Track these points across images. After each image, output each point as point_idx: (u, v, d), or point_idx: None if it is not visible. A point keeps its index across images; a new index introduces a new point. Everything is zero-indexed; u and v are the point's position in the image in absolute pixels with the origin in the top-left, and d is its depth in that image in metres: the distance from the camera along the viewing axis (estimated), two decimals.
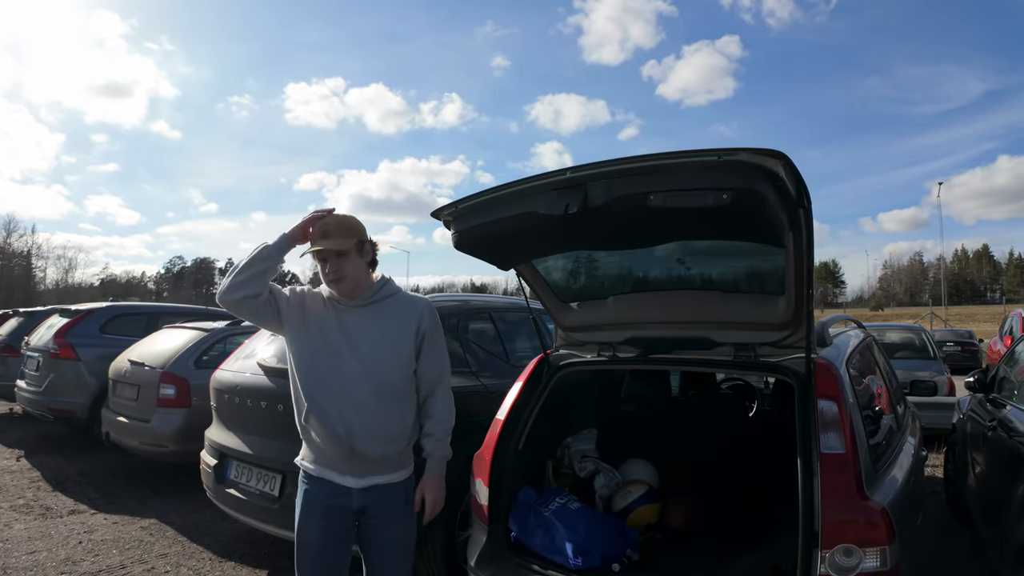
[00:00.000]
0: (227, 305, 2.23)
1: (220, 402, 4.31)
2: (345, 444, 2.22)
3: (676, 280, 2.89)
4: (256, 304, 2.23)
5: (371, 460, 2.27)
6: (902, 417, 3.70)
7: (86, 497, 5.74)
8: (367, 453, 2.24)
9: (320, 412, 2.23)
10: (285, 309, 2.28)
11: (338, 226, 2.25)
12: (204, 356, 5.97)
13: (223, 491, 4.01)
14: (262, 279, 2.23)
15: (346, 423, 2.22)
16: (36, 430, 8.62)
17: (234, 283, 2.20)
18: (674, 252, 2.73)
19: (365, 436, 2.23)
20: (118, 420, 6.15)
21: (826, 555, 2.14)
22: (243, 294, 2.20)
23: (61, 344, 7.58)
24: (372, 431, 2.24)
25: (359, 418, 2.23)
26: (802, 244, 2.12)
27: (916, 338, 10.75)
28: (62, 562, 4.25)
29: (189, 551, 4.50)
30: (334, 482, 2.28)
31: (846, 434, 2.31)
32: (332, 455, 2.26)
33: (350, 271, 2.25)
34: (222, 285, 2.24)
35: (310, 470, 2.33)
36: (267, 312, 2.26)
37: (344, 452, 2.23)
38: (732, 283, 2.82)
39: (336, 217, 2.29)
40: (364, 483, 2.28)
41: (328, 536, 2.30)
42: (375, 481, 2.30)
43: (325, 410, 2.23)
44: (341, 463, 2.26)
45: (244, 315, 2.28)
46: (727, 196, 1.86)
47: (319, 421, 2.24)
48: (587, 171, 2.08)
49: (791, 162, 1.82)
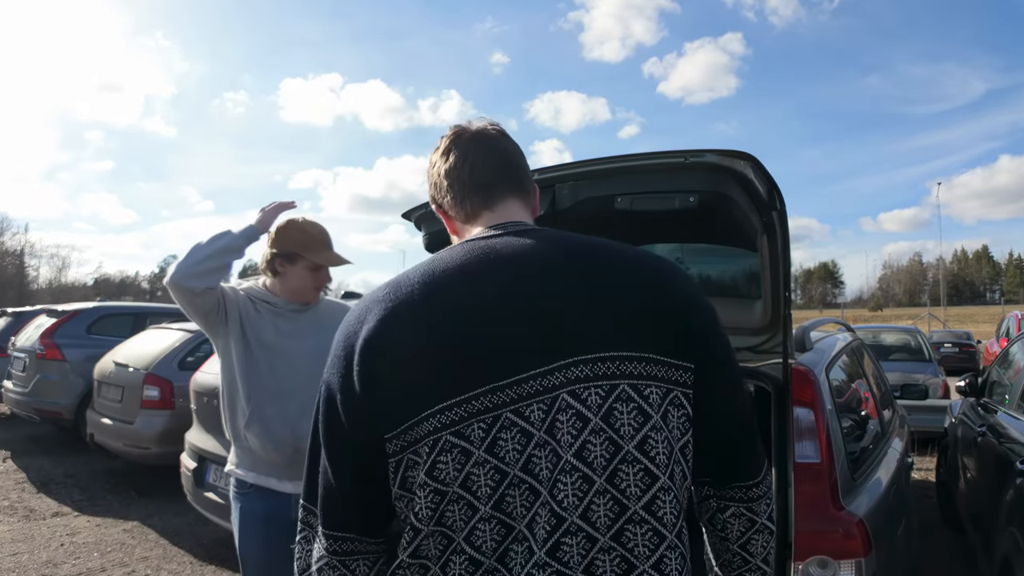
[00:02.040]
0: (182, 292, 2.02)
1: (200, 404, 4.27)
2: (290, 447, 2.13)
3: None
4: (211, 299, 2.07)
5: None
6: (888, 422, 3.64)
7: (70, 499, 5.74)
8: None
9: (263, 417, 2.14)
10: (230, 309, 2.15)
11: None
12: (189, 357, 5.92)
13: (202, 495, 3.97)
14: (224, 273, 2.10)
15: (292, 426, 2.13)
16: (23, 431, 8.61)
17: (197, 271, 2.02)
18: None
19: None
20: (102, 421, 6.13)
21: (799, 567, 2.08)
22: (204, 285, 2.03)
23: (47, 345, 7.56)
24: None
25: (305, 422, 2.16)
26: (776, 247, 2.06)
27: (912, 340, 10.74)
28: (43, 564, 4.24)
29: (170, 554, 4.48)
30: (273, 490, 2.20)
31: (822, 443, 2.26)
32: (272, 461, 2.18)
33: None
34: (179, 269, 2.02)
35: (246, 478, 2.24)
36: (215, 310, 2.10)
37: (287, 457, 2.15)
38: (708, 287, 2.76)
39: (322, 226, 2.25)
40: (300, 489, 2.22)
41: (271, 551, 2.20)
42: None
43: (270, 415, 2.14)
44: (281, 468, 2.18)
45: (193, 309, 2.08)
46: (694, 199, 1.82)
47: (263, 427, 2.14)
48: (554, 172, 2.04)
49: (760, 164, 1.77)
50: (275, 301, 2.21)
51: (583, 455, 0.91)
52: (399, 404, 0.94)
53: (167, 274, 2.05)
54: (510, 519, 0.92)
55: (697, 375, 0.99)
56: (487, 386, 0.92)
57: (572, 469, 0.90)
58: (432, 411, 0.92)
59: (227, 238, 2.11)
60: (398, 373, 0.95)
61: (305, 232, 2.20)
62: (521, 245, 1.02)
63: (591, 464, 0.91)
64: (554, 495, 0.91)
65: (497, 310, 0.96)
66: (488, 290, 0.97)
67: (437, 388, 0.93)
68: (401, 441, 0.94)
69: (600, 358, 0.93)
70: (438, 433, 0.92)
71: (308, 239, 2.19)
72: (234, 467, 2.28)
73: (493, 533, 0.92)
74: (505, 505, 0.92)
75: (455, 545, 0.93)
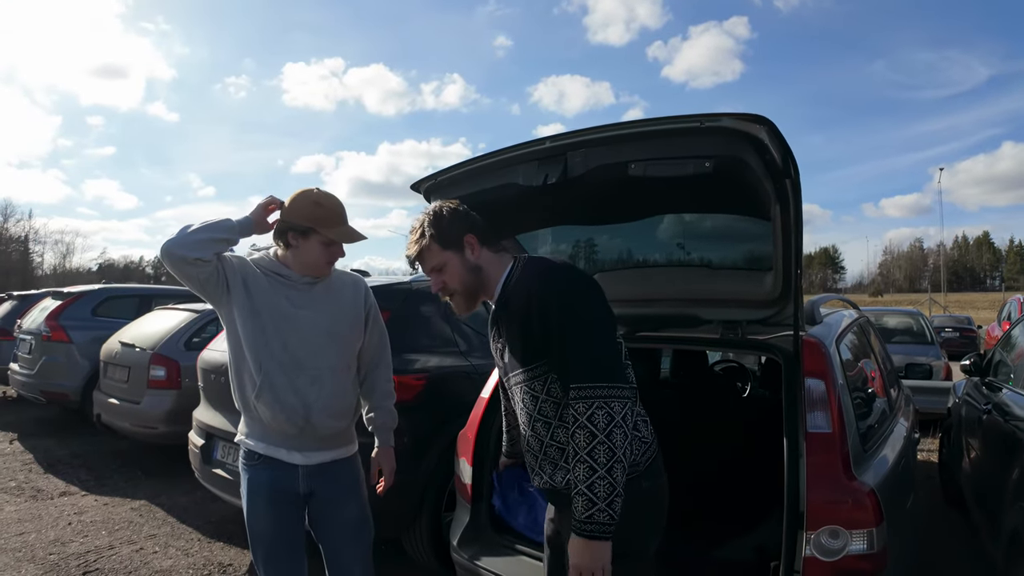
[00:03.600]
0: (175, 260, 2.02)
1: (207, 382, 4.27)
2: (300, 417, 2.15)
3: (663, 255, 2.84)
4: (206, 269, 2.06)
5: (322, 435, 2.22)
6: (895, 400, 3.65)
7: (77, 479, 5.76)
8: (320, 427, 2.19)
9: (274, 387, 2.14)
10: (232, 278, 2.14)
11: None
12: (194, 338, 5.93)
13: (210, 471, 3.98)
14: (215, 248, 2.08)
15: (302, 396, 2.15)
16: (29, 413, 8.64)
17: (190, 240, 2.03)
18: (660, 226, 2.68)
19: (320, 410, 2.18)
20: (109, 402, 6.15)
21: (811, 536, 2.09)
22: (196, 255, 2.02)
23: (53, 327, 7.57)
24: (327, 405, 2.19)
25: (314, 391, 2.17)
26: (789, 217, 2.05)
27: (914, 323, 10.73)
28: (51, 543, 4.26)
29: (178, 532, 4.50)
30: (281, 460, 2.21)
31: (833, 413, 2.26)
32: (283, 431, 2.19)
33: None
34: (171, 238, 2.04)
35: (255, 448, 2.24)
36: (213, 279, 2.10)
37: (297, 427, 2.17)
38: (719, 258, 2.76)
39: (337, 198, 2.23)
40: (311, 460, 2.23)
41: (279, 524, 2.24)
42: (322, 459, 2.25)
43: (280, 385, 2.14)
44: (291, 439, 2.20)
45: (187, 278, 2.07)
46: (709, 164, 1.80)
47: (273, 397, 2.14)
48: (567, 140, 2.01)
49: (776, 128, 1.75)
50: (286, 273, 2.19)
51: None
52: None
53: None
54: None
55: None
56: None
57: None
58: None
59: (225, 223, 2.10)
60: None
61: (320, 206, 2.15)
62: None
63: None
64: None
65: None
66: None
67: None
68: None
69: None
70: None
71: (324, 213, 2.15)
72: (244, 437, 2.29)
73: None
74: None
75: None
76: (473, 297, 1.91)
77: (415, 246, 1.89)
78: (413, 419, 3.25)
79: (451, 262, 1.87)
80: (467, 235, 1.86)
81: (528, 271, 1.82)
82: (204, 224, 2.07)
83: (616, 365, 1.67)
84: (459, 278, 1.88)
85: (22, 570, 3.83)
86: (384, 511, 2.70)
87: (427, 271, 1.93)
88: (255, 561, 2.29)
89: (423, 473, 3.50)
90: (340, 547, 2.33)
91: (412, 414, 3.23)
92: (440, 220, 1.87)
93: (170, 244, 2.02)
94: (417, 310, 4.03)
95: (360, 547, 2.35)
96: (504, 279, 1.87)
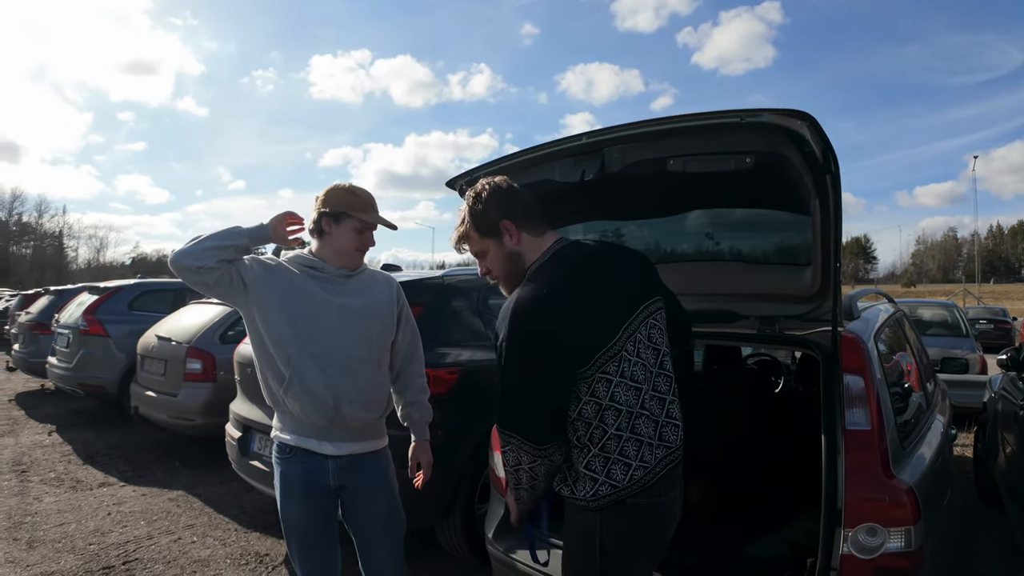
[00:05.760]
0: (180, 270, 2.09)
1: (243, 375, 4.34)
2: (331, 408, 2.19)
3: (699, 251, 2.82)
4: (213, 275, 2.10)
5: (352, 426, 2.26)
6: (931, 395, 3.60)
7: (115, 470, 5.87)
8: (350, 418, 2.23)
9: (304, 380, 2.18)
10: (249, 279, 2.17)
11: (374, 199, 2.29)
12: (229, 331, 6.01)
13: (247, 463, 4.06)
14: (219, 255, 2.11)
15: (332, 388, 2.19)
16: (67, 405, 8.81)
17: (194, 250, 2.08)
18: (695, 221, 2.67)
19: (350, 401, 2.22)
20: (146, 394, 6.26)
21: (849, 534, 2.08)
22: (199, 264, 2.07)
23: (90, 321, 7.72)
24: (357, 397, 2.23)
25: (344, 383, 2.21)
26: (829, 211, 2.03)
27: (948, 315, 10.54)
28: (91, 533, 4.35)
29: (215, 522, 4.58)
30: (313, 451, 2.26)
31: (872, 410, 2.24)
32: (313, 423, 2.23)
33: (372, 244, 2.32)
34: (181, 248, 2.11)
35: (288, 441, 2.29)
36: (224, 283, 2.13)
37: (327, 418, 2.21)
38: (757, 254, 2.74)
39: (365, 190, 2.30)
40: (342, 451, 2.27)
41: (311, 515, 2.30)
42: (352, 450, 2.29)
43: (311, 377, 2.18)
44: (322, 430, 2.25)
45: (197, 285, 2.14)
46: (750, 160, 1.79)
47: (303, 389, 2.18)
48: (604, 135, 2.01)
49: (817, 123, 1.73)
50: (320, 266, 2.25)
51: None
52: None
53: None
54: None
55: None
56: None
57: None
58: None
59: (233, 230, 2.16)
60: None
61: (354, 194, 2.25)
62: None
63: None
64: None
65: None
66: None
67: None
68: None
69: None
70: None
71: (357, 200, 2.24)
72: (278, 432, 2.35)
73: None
74: None
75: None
76: (514, 283, 1.87)
77: (459, 232, 1.92)
78: (446, 412, 3.28)
79: (491, 249, 1.88)
80: (503, 221, 1.84)
81: (549, 264, 1.82)
82: (211, 234, 2.13)
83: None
84: (499, 265, 1.89)
85: (62, 560, 3.90)
86: (418, 503, 2.73)
87: (474, 254, 1.95)
88: (290, 551, 2.36)
89: (457, 465, 3.53)
90: (372, 539, 2.38)
91: (445, 407, 3.26)
92: (477, 206, 1.86)
93: (175, 255, 2.10)
94: (449, 305, 4.06)
95: (391, 539, 2.40)
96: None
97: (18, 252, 70.15)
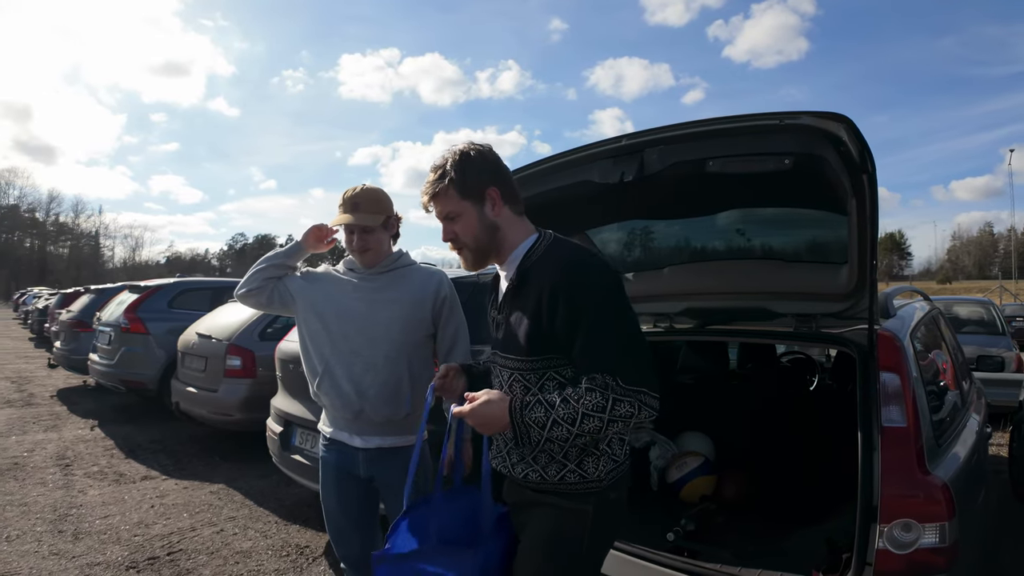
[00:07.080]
0: (241, 299, 2.44)
1: (285, 372, 4.45)
2: (356, 404, 2.31)
3: (734, 249, 2.85)
4: (264, 295, 2.40)
5: (376, 421, 2.34)
6: (967, 393, 3.58)
7: (157, 464, 5.99)
8: (373, 413, 2.31)
9: (332, 376, 2.33)
10: (295, 291, 2.42)
11: (368, 200, 2.32)
12: (268, 328, 6.13)
13: (288, 457, 4.16)
14: (264, 277, 2.41)
15: (356, 383, 2.30)
16: (108, 401, 9.03)
17: (247, 281, 2.41)
18: (732, 220, 2.69)
19: (374, 396, 2.30)
20: (187, 390, 6.40)
21: (884, 530, 2.11)
22: (248, 289, 2.40)
23: (132, 319, 7.89)
24: (380, 392, 2.31)
25: (368, 378, 2.30)
26: (865, 211, 2.05)
27: (985, 312, 10.38)
28: (135, 525, 4.44)
29: (256, 514, 4.69)
30: (344, 443, 2.39)
31: (908, 408, 2.26)
32: (343, 416, 2.36)
33: (374, 244, 2.35)
34: (238, 286, 2.45)
35: (327, 433, 2.45)
36: (276, 299, 2.42)
37: (353, 411, 2.32)
38: (793, 252, 2.75)
39: (367, 191, 2.35)
40: (369, 444, 2.36)
41: (345, 502, 2.43)
42: (379, 443, 2.36)
43: (338, 373, 2.32)
44: (351, 423, 2.36)
45: (257, 306, 2.48)
46: (788, 161, 1.82)
47: (331, 384, 2.33)
48: (643, 137, 2.06)
49: (854, 125, 1.76)
50: (357, 268, 2.42)
51: None
52: None
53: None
54: None
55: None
56: None
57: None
58: None
59: (272, 257, 2.47)
60: None
61: (341, 200, 2.35)
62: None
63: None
64: None
65: None
66: None
67: None
68: None
69: None
70: None
71: (340, 204, 2.35)
72: (322, 425, 2.50)
73: None
74: None
75: None
76: (484, 256, 1.76)
77: (431, 187, 1.71)
78: None
79: (467, 213, 1.71)
80: (490, 187, 1.70)
81: (557, 253, 1.67)
82: (255, 270, 2.43)
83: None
84: (472, 233, 1.72)
85: (108, 552, 3.99)
86: None
87: (439, 217, 1.75)
88: (330, 537, 2.49)
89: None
90: None
91: None
92: (465, 164, 1.69)
93: (237, 290, 2.45)
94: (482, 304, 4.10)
95: None
96: (526, 250, 1.72)
97: (55, 252, 71.92)
